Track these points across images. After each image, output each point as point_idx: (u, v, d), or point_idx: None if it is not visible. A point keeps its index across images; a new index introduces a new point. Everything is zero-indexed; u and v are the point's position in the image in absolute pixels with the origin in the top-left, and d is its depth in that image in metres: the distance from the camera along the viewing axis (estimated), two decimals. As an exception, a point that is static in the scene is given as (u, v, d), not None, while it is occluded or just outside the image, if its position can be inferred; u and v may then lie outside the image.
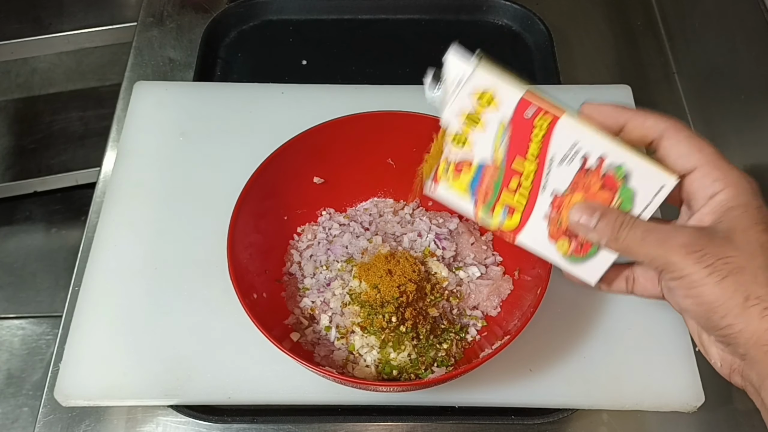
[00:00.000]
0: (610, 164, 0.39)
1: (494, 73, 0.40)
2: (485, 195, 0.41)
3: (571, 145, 0.39)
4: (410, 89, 0.71)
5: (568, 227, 0.41)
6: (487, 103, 0.40)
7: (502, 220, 0.42)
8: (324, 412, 0.56)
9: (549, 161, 0.40)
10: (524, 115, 0.39)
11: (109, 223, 0.62)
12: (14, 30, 1.12)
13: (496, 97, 0.40)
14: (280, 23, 0.85)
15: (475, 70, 0.39)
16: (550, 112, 0.39)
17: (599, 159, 0.39)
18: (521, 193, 0.41)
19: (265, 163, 0.55)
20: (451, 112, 0.41)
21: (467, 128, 0.41)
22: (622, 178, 0.39)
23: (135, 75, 0.78)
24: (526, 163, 0.40)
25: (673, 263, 0.36)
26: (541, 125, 0.39)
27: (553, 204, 0.41)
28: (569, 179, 0.40)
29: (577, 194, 0.40)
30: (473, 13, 0.85)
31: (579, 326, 0.57)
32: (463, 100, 0.40)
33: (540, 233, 0.42)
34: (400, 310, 0.53)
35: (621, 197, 0.40)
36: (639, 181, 0.39)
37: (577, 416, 0.56)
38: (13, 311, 1.09)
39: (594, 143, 0.39)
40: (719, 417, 0.57)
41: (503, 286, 0.57)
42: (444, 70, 0.41)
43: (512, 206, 0.41)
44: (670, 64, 0.82)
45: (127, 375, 0.54)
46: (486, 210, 0.42)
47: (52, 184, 1.19)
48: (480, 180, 0.41)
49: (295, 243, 0.61)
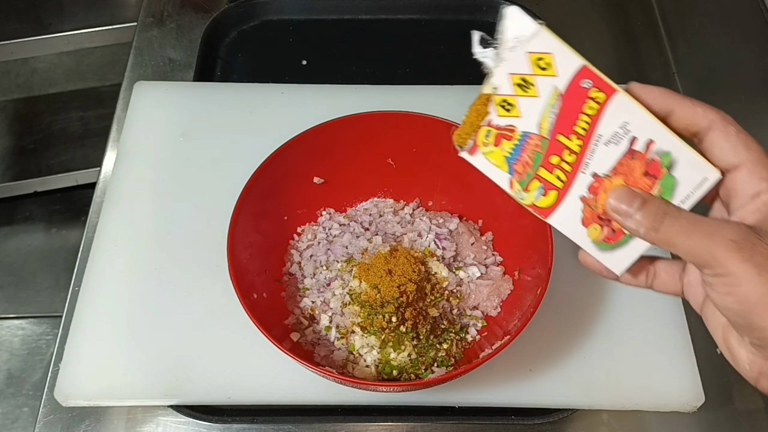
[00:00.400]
0: (657, 150, 0.37)
1: (554, 40, 0.37)
2: (522, 170, 0.39)
3: (622, 125, 0.37)
4: (410, 89, 0.71)
5: (602, 212, 0.39)
6: (545, 67, 0.37)
7: (535, 198, 0.39)
8: (324, 412, 0.56)
9: (595, 140, 0.38)
10: (580, 84, 0.37)
11: (109, 223, 0.62)
12: (14, 30, 1.12)
13: (554, 63, 0.37)
14: (280, 23, 0.85)
15: (538, 31, 0.37)
16: (608, 86, 0.37)
17: (648, 142, 0.37)
18: (561, 170, 0.39)
19: (265, 163, 0.55)
20: (502, 76, 0.38)
21: (517, 93, 0.38)
22: (667, 166, 0.37)
23: (135, 75, 0.78)
24: (570, 140, 0.38)
25: (718, 258, 0.34)
26: (593, 102, 0.37)
27: (591, 186, 0.39)
28: (613, 161, 0.38)
29: (618, 178, 0.38)
30: (473, 13, 0.85)
31: (579, 326, 0.57)
32: (519, 60, 0.37)
33: (573, 215, 0.39)
34: (400, 310, 0.53)
35: (662, 186, 0.38)
36: (683, 171, 0.37)
37: (577, 416, 0.56)
38: (13, 311, 1.09)
39: (646, 125, 0.37)
40: (719, 417, 0.57)
41: (503, 286, 0.57)
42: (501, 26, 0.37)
43: (549, 184, 0.39)
44: (670, 64, 0.82)
45: (127, 375, 0.54)
46: (522, 184, 0.39)
47: (52, 184, 1.19)
48: (521, 151, 0.39)
49: (295, 243, 0.61)
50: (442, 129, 0.57)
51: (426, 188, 0.63)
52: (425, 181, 0.62)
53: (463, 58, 0.89)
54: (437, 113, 0.58)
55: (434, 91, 0.71)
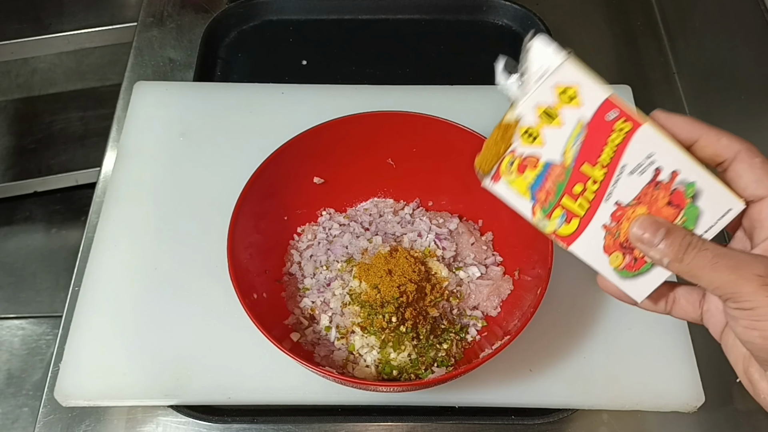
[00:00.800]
0: (682, 180, 0.38)
1: (582, 69, 0.38)
2: (545, 198, 0.40)
3: (647, 155, 0.38)
4: (410, 89, 0.71)
5: (624, 241, 0.39)
6: (569, 99, 0.38)
7: (558, 226, 0.40)
8: (324, 412, 0.56)
9: (619, 170, 0.38)
10: (605, 117, 0.38)
11: (109, 223, 0.62)
12: (14, 30, 1.12)
13: (579, 94, 0.38)
14: (280, 23, 0.85)
15: (564, 63, 0.37)
16: (631, 119, 0.38)
17: (672, 173, 0.38)
18: (584, 199, 0.39)
19: (265, 163, 0.55)
20: (529, 104, 0.38)
21: (542, 123, 0.38)
22: (691, 197, 0.38)
23: (135, 75, 0.78)
24: (594, 170, 0.38)
25: (743, 293, 0.34)
26: (619, 132, 0.38)
27: (614, 214, 0.39)
28: (636, 191, 0.38)
29: (641, 207, 0.38)
30: (473, 13, 0.85)
31: (579, 326, 0.57)
32: (544, 92, 0.38)
33: (595, 243, 0.40)
34: (400, 310, 0.53)
35: (686, 215, 0.38)
36: (707, 202, 0.38)
37: (577, 416, 0.56)
38: (13, 311, 1.09)
39: (671, 156, 0.38)
40: (719, 417, 0.57)
41: (503, 286, 0.57)
42: (525, 57, 0.38)
43: (572, 212, 0.39)
44: (670, 64, 0.82)
45: (127, 375, 0.54)
46: (544, 213, 0.40)
47: (52, 184, 1.19)
48: (543, 180, 0.39)
49: (295, 243, 0.61)
50: (442, 129, 0.57)
51: (426, 188, 0.63)
52: (425, 181, 0.62)
53: (463, 58, 0.89)
54: (437, 113, 0.58)
55: (434, 91, 0.71)
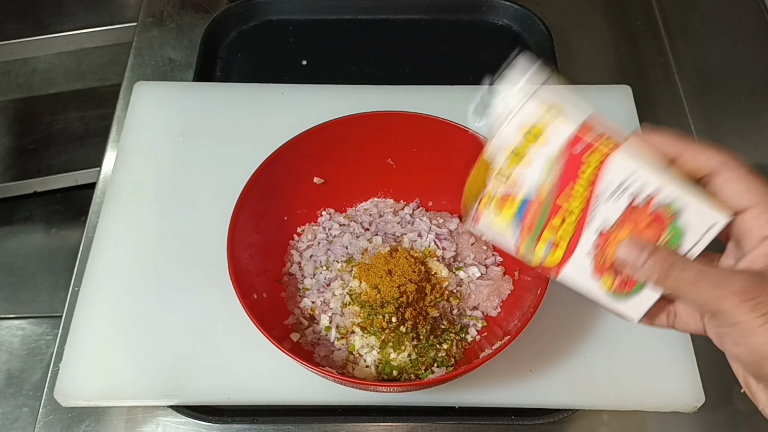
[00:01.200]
0: (660, 201, 0.38)
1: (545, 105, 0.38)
2: (528, 231, 0.40)
3: (621, 182, 0.38)
4: (410, 89, 0.71)
5: (612, 263, 0.39)
6: (535, 139, 0.38)
7: (544, 256, 0.40)
8: (324, 412, 0.56)
9: (596, 198, 0.38)
10: (573, 150, 0.38)
11: (109, 223, 0.62)
12: (14, 30, 1.12)
13: (544, 132, 0.38)
14: (280, 23, 0.85)
15: (524, 105, 0.38)
16: (600, 149, 0.38)
17: (649, 195, 0.38)
18: (565, 228, 0.39)
19: (265, 163, 0.55)
20: (496, 146, 0.39)
21: (512, 163, 0.39)
22: (672, 215, 0.38)
23: (135, 75, 0.78)
24: (572, 200, 0.39)
25: (725, 310, 0.35)
26: (590, 162, 0.38)
27: (598, 240, 0.39)
28: (616, 215, 0.38)
29: (624, 230, 0.39)
30: (473, 13, 0.85)
31: (579, 326, 0.57)
32: (509, 134, 0.38)
33: (583, 269, 0.40)
34: (400, 310, 0.53)
35: (670, 233, 0.38)
36: (690, 218, 0.38)
37: (577, 416, 0.56)
38: (13, 311, 1.09)
39: (645, 179, 0.38)
40: (719, 417, 0.57)
41: (503, 286, 0.57)
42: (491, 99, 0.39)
43: (555, 242, 0.40)
44: (670, 64, 0.82)
45: (127, 375, 0.54)
46: (528, 246, 0.40)
47: (52, 185, 1.18)
48: (523, 215, 0.40)
49: (295, 243, 0.61)
50: (442, 129, 0.57)
51: (426, 188, 0.63)
52: (425, 181, 0.62)
53: (463, 58, 0.89)
54: (437, 113, 0.58)
55: (434, 91, 0.71)
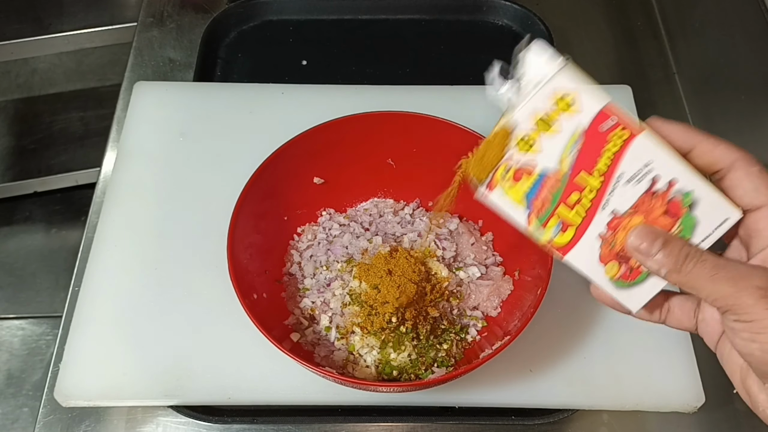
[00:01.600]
0: (679, 189, 0.37)
1: (578, 77, 0.37)
2: (541, 207, 0.39)
3: (644, 165, 0.37)
4: (410, 89, 0.71)
5: (620, 250, 0.39)
6: (566, 108, 0.37)
7: (553, 235, 0.39)
8: (324, 413, 0.56)
9: (616, 178, 0.38)
10: (601, 126, 0.37)
11: (109, 223, 0.62)
12: (14, 30, 1.12)
13: (576, 103, 0.37)
14: (280, 23, 0.85)
15: (561, 71, 0.37)
16: (629, 127, 0.37)
17: (669, 183, 0.37)
18: (580, 207, 0.39)
19: (265, 163, 0.55)
20: (524, 112, 0.38)
21: (537, 132, 0.38)
22: (687, 206, 0.37)
23: (135, 75, 0.78)
24: (591, 178, 0.38)
25: (743, 305, 0.34)
26: (616, 140, 0.37)
27: (609, 224, 0.39)
28: (633, 200, 0.38)
29: (637, 217, 0.38)
30: (473, 13, 0.85)
31: (579, 326, 0.57)
32: (540, 101, 0.37)
33: (590, 253, 0.39)
34: (400, 310, 0.53)
35: (682, 225, 0.38)
36: (704, 211, 0.37)
37: (577, 416, 0.56)
38: (13, 311, 1.09)
39: (667, 166, 0.37)
40: (719, 417, 0.57)
41: (503, 286, 0.57)
42: (519, 66, 0.37)
43: (567, 221, 0.39)
44: (670, 64, 0.82)
45: (127, 375, 0.54)
46: (539, 223, 0.39)
47: (52, 185, 1.18)
48: (539, 190, 0.39)
49: (295, 243, 0.61)
50: (442, 129, 0.57)
51: (426, 188, 0.63)
52: (425, 181, 0.62)
53: (463, 58, 0.89)
54: (437, 113, 0.58)
55: (434, 91, 0.71)
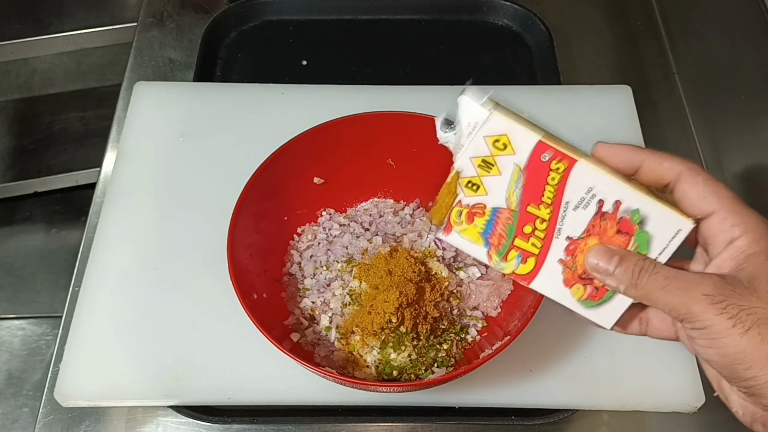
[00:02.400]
0: (626, 208, 0.39)
1: (510, 117, 0.39)
2: (498, 242, 0.41)
3: (587, 190, 0.39)
4: (410, 89, 0.71)
5: (582, 272, 0.40)
6: (503, 148, 0.39)
7: (515, 266, 0.41)
8: (324, 413, 0.56)
9: (564, 206, 0.39)
10: (541, 158, 0.39)
11: (109, 223, 0.62)
12: (14, 30, 1.12)
13: (512, 142, 0.39)
14: (280, 23, 0.85)
15: (491, 115, 0.39)
16: (567, 156, 0.39)
17: (615, 203, 0.39)
18: (535, 238, 0.40)
19: (265, 164, 0.55)
20: (466, 156, 0.40)
21: (481, 173, 0.40)
22: (638, 223, 0.39)
23: (135, 75, 0.78)
24: (540, 210, 0.40)
25: (695, 313, 0.35)
26: (558, 169, 0.39)
27: (567, 249, 0.40)
28: (585, 224, 0.40)
29: (593, 239, 0.40)
30: (473, 13, 0.85)
31: (579, 327, 0.57)
32: (478, 144, 0.40)
33: (554, 279, 0.41)
34: (400, 310, 0.53)
35: (637, 241, 0.39)
36: (655, 225, 0.39)
37: (577, 417, 0.56)
38: (13, 311, 1.09)
39: (610, 187, 0.39)
40: (719, 417, 0.57)
41: (503, 286, 0.57)
42: (457, 112, 0.40)
43: (526, 252, 0.41)
44: (670, 65, 0.82)
45: (127, 375, 0.54)
46: (500, 256, 0.41)
47: (52, 185, 1.19)
48: (494, 225, 0.41)
49: (295, 243, 0.61)
50: (442, 129, 0.57)
51: (426, 188, 0.63)
52: (425, 181, 0.62)
53: (463, 58, 0.89)
54: (437, 113, 0.58)
55: (434, 91, 0.71)
